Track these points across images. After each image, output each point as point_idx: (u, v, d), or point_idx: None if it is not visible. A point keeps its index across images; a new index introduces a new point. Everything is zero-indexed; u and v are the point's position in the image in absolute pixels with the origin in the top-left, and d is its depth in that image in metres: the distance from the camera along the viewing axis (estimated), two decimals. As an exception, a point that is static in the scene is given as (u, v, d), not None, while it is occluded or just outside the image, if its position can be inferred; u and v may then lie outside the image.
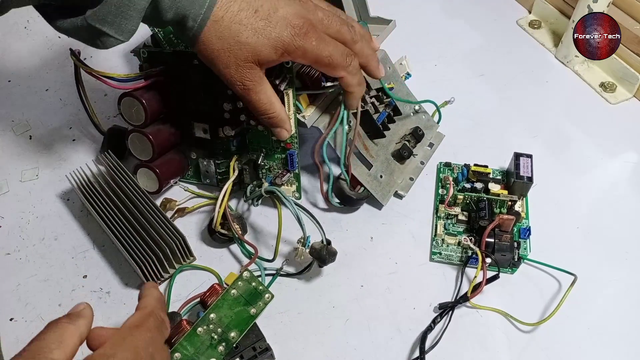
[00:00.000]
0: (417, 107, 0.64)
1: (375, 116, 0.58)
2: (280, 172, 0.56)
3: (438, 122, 0.65)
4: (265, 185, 0.54)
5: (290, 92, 0.51)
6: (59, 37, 0.79)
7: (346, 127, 0.54)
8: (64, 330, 0.34)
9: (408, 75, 0.67)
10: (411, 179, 0.61)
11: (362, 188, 0.58)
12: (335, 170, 0.56)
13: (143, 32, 0.69)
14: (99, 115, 0.63)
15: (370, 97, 0.58)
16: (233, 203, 0.60)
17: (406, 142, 0.61)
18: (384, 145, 0.60)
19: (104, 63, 0.75)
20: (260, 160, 0.56)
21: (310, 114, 0.54)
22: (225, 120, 0.54)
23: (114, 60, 0.75)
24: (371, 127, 0.58)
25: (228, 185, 0.54)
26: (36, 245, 0.58)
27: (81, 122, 0.61)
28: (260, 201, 0.55)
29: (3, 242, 0.58)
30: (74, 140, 0.67)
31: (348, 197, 0.57)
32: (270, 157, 0.56)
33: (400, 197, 0.60)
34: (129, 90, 0.54)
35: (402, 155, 0.60)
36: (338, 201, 0.58)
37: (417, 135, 0.62)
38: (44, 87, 0.73)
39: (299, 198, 0.57)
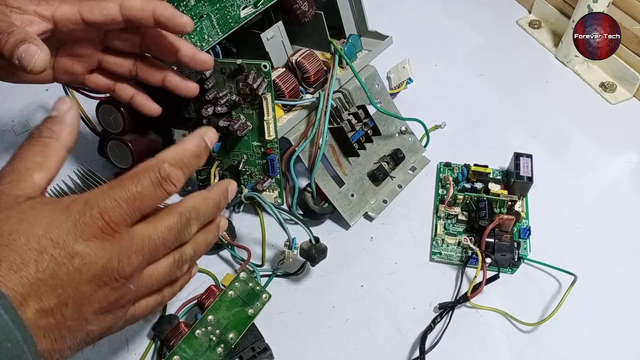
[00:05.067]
0: (403, 128, 0.62)
1: (350, 134, 0.56)
2: (261, 178, 0.55)
3: (425, 146, 0.64)
4: (245, 191, 0.54)
5: (268, 96, 0.50)
6: (59, 37, 0.79)
7: (323, 145, 0.53)
8: (46, 148, 0.32)
9: (410, 80, 0.67)
10: (385, 201, 0.60)
11: (327, 203, 0.57)
12: (302, 182, 0.56)
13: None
14: (94, 116, 0.63)
15: (348, 115, 0.57)
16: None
17: (383, 164, 0.60)
18: (361, 164, 0.59)
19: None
20: (241, 166, 0.55)
21: (282, 125, 0.53)
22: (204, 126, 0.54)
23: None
24: (345, 144, 0.57)
25: None
26: (36, 245, 0.57)
27: (81, 122, 0.61)
28: (241, 208, 0.55)
29: (3, 242, 0.58)
30: (73, 140, 0.67)
31: (311, 210, 0.56)
32: (251, 162, 0.55)
33: (370, 218, 0.59)
34: (105, 97, 0.54)
35: (376, 176, 0.59)
36: (302, 213, 0.58)
37: (396, 157, 0.60)
38: (44, 87, 0.73)
39: (282, 204, 0.56)
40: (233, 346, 0.46)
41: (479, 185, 0.58)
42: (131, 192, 0.31)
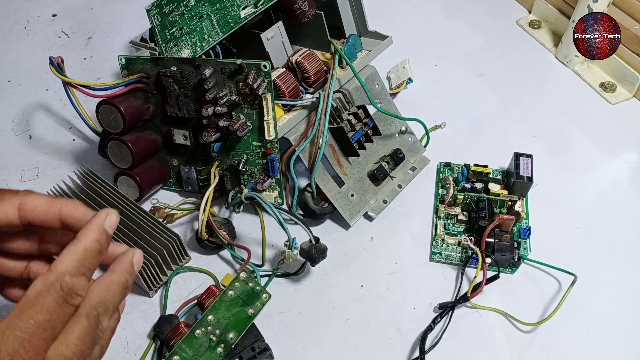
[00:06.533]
0: (403, 128, 0.62)
1: (350, 134, 0.56)
2: (261, 177, 0.55)
3: (425, 146, 0.64)
4: (245, 191, 0.54)
5: (268, 96, 0.50)
6: (59, 37, 0.79)
7: (324, 145, 0.53)
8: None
9: (410, 80, 0.67)
10: (385, 201, 0.60)
11: (327, 203, 0.57)
12: (302, 182, 0.56)
13: (140, 28, 0.70)
14: (94, 116, 0.63)
15: (348, 115, 0.57)
16: (217, 209, 0.59)
17: (383, 164, 0.60)
18: (361, 164, 0.59)
19: (105, 63, 0.75)
20: (241, 166, 0.55)
21: (282, 125, 0.53)
22: (204, 126, 0.54)
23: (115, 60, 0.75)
24: (345, 144, 0.57)
25: (209, 192, 0.54)
26: (36, 245, 0.57)
27: (81, 122, 0.61)
28: (241, 208, 0.55)
29: (3, 242, 0.58)
30: (73, 140, 0.67)
31: (311, 210, 0.57)
32: (251, 162, 0.55)
33: (370, 218, 0.59)
34: (106, 97, 0.54)
35: (376, 176, 0.59)
36: (302, 213, 0.58)
37: (396, 157, 0.60)
38: (44, 87, 0.73)
39: (282, 204, 0.56)
40: (233, 346, 0.46)
41: (479, 185, 0.58)
42: (38, 323, 0.28)
